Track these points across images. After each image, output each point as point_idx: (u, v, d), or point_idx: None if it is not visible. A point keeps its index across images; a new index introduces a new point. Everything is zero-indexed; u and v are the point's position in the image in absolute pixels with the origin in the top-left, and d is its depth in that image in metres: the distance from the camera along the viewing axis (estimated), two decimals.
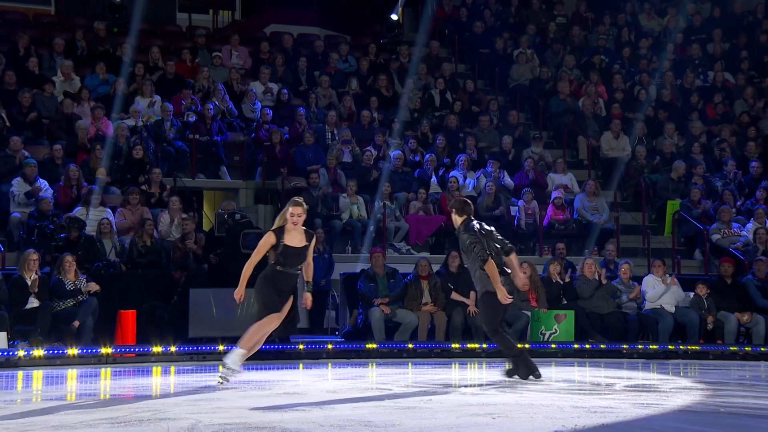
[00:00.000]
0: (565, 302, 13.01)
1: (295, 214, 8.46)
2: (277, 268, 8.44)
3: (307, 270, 8.67)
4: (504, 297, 8.82)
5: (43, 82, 15.62)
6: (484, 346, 12.24)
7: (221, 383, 8.25)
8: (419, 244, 15.16)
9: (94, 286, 11.50)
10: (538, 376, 8.90)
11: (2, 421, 6.28)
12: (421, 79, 18.53)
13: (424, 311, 12.61)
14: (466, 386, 8.84)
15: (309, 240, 8.56)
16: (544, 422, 6.14)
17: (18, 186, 13.58)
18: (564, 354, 12.26)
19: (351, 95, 17.53)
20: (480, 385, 8.94)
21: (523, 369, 8.93)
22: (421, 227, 15.21)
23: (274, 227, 8.58)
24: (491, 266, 8.76)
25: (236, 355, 8.31)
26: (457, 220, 9.08)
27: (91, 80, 16.23)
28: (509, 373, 9.00)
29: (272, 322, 8.42)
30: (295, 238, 8.48)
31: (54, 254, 12.02)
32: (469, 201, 9.30)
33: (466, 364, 11.41)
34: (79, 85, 15.97)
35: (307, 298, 8.64)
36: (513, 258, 9.08)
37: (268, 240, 8.45)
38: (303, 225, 8.57)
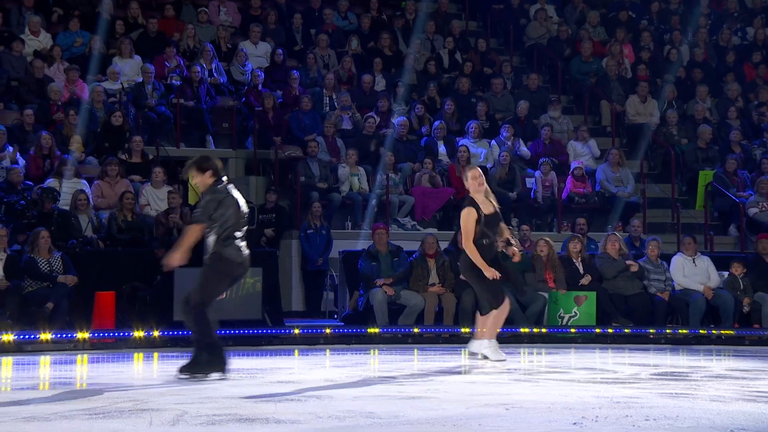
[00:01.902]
0: (586, 283, 13.00)
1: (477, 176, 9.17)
2: (483, 242, 9.04)
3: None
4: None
5: (11, 40, 15.55)
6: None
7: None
8: (426, 220, 15.15)
9: (71, 279, 11.52)
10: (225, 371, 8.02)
11: None
12: (429, 38, 18.45)
13: (431, 292, 12.62)
14: (476, 374, 8.86)
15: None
16: (562, 414, 6.15)
17: None
18: (584, 339, 12.28)
19: (351, 56, 17.47)
20: (492, 374, 8.96)
21: (212, 364, 8.02)
22: (428, 201, 15.19)
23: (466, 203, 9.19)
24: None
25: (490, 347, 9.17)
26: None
27: (63, 38, 16.16)
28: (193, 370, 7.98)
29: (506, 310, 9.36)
30: (485, 204, 9.26)
31: (26, 232, 12.01)
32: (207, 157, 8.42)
33: None
34: (50, 44, 15.89)
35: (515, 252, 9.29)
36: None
37: (471, 215, 9.10)
38: None
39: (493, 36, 19.78)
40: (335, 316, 13.57)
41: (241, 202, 8.30)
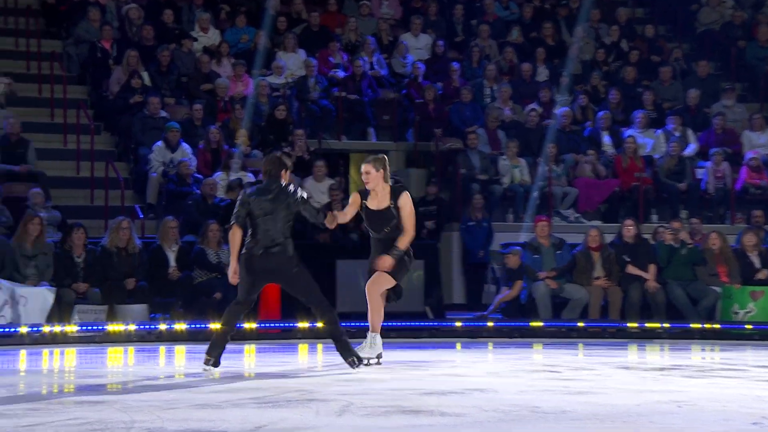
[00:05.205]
0: (763, 277, 12.51)
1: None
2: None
3: None
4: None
5: (181, 37, 16.06)
6: (666, 325, 11.96)
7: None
8: (590, 212, 14.91)
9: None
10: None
11: (147, 396, 6.56)
12: (593, 27, 18.10)
13: (596, 286, 12.40)
14: (645, 370, 8.64)
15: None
16: (738, 413, 5.93)
17: (158, 152, 13.77)
18: (762, 336, 11.84)
19: (512, 46, 17.31)
20: (662, 369, 8.73)
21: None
22: (592, 192, 14.94)
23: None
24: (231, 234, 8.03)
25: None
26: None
27: (231, 34, 16.59)
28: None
29: None
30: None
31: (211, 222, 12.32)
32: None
33: (645, 345, 11.19)
34: (219, 40, 16.31)
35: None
36: None
37: None
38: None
39: (661, 23, 19.23)
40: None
41: None
